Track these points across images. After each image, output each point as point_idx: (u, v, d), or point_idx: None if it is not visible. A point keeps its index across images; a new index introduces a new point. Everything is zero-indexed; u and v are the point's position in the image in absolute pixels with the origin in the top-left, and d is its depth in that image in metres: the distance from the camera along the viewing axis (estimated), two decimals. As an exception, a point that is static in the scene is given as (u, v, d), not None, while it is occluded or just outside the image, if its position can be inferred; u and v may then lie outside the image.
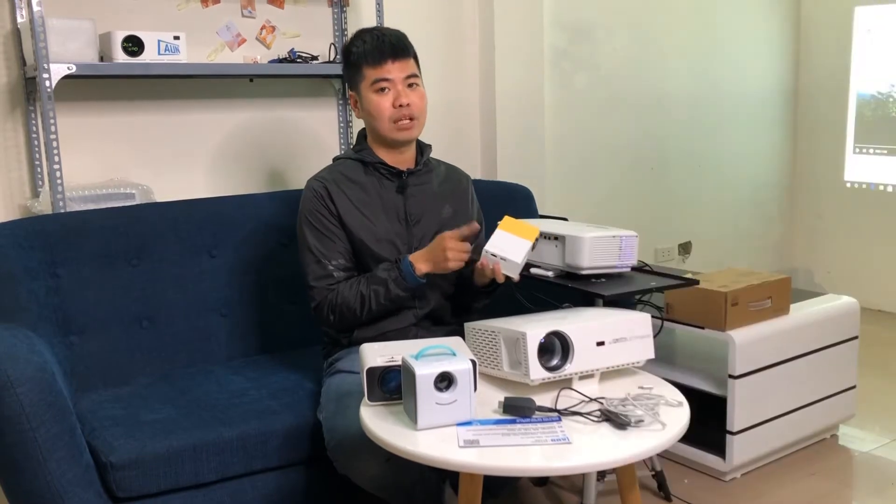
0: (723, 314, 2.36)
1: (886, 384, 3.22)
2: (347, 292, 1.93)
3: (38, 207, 2.33)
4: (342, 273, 1.96)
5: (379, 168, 2.03)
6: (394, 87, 1.98)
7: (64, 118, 2.42)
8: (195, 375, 2.20)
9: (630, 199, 3.82)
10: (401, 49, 1.99)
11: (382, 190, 2.03)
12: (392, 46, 1.98)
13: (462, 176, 2.20)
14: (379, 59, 1.97)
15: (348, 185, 2.01)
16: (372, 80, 1.98)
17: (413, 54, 2.03)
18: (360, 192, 2.01)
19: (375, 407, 1.58)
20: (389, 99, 1.97)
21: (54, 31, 2.21)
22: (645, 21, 3.76)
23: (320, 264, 1.96)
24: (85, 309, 2.16)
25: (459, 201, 2.13)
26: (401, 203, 2.03)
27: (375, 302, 1.92)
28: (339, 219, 1.98)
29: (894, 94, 4.12)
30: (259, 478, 1.91)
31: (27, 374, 1.63)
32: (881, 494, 2.37)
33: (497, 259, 1.81)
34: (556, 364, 1.64)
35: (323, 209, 1.98)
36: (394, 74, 1.97)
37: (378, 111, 1.98)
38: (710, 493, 2.39)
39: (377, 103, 1.98)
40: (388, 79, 1.97)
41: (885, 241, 4.23)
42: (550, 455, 1.40)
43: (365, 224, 1.99)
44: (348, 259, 1.99)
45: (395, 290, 1.91)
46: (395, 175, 2.04)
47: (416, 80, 2.02)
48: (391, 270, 1.91)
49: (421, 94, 2.02)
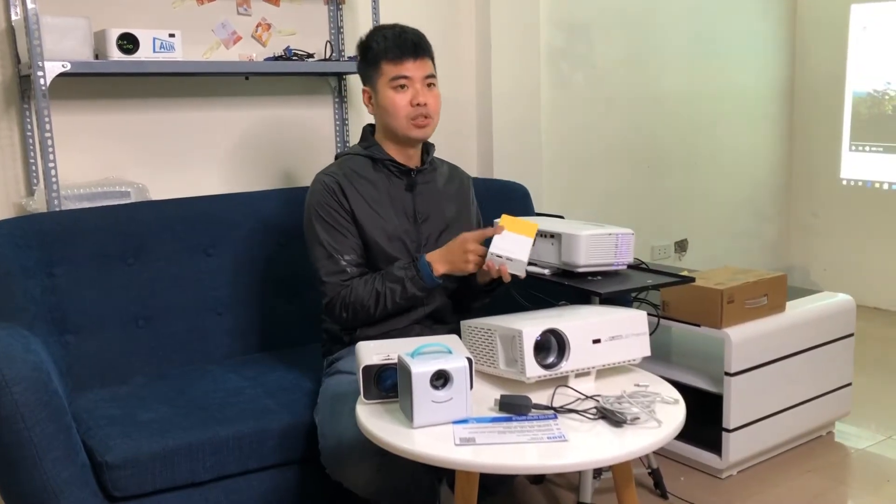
0: (719, 312, 2.36)
1: (882, 381, 3.23)
2: (362, 290, 1.91)
3: (33, 206, 2.32)
4: (355, 269, 1.94)
5: (388, 165, 2.02)
6: (412, 85, 1.96)
7: (59, 116, 2.42)
8: (191, 375, 2.19)
9: (626, 196, 3.82)
10: (422, 48, 1.98)
11: (392, 187, 2.02)
12: (413, 45, 1.97)
13: (464, 176, 2.20)
14: (399, 55, 1.96)
15: (359, 181, 2.00)
16: (391, 76, 1.96)
17: (432, 55, 2.02)
18: (371, 188, 2.00)
19: (371, 405, 1.58)
20: (407, 97, 1.96)
21: (49, 29, 2.21)
22: (641, 19, 3.76)
23: (332, 259, 1.93)
24: (81, 308, 2.15)
25: (462, 201, 2.14)
26: (409, 201, 2.03)
27: (391, 300, 1.90)
28: (351, 214, 1.96)
29: (890, 92, 4.13)
30: (255, 477, 1.90)
31: (23, 374, 1.63)
32: (877, 491, 2.38)
33: (503, 260, 1.81)
34: (552, 362, 1.64)
35: (335, 203, 1.96)
36: (413, 73, 1.96)
37: (395, 108, 1.96)
38: (706, 491, 2.39)
39: (394, 100, 1.96)
40: (407, 76, 1.96)
41: (880, 239, 4.24)
42: (546, 453, 1.40)
43: (377, 221, 1.97)
44: (360, 255, 1.97)
45: (411, 290, 1.89)
46: (404, 173, 2.03)
47: (434, 80, 2.01)
48: (408, 269, 1.89)
49: (437, 95, 2.02)
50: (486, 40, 3.22)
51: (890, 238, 4.20)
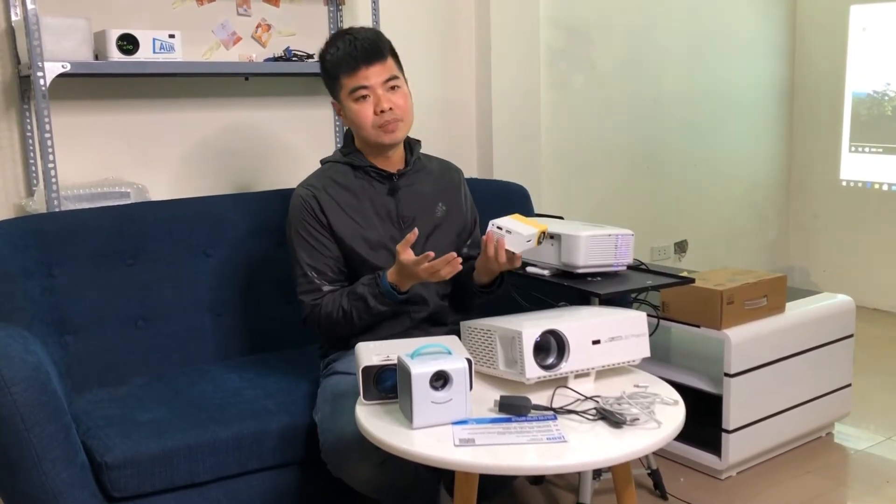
0: (718, 313, 2.36)
1: (881, 382, 3.23)
2: (331, 307, 1.90)
3: (32, 206, 2.32)
4: (328, 286, 1.93)
5: (368, 171, 1.99)
6: (373, 93, 1.90)
7: (58, 117, 2.42)
8: (190, 375, 2.19)
9: (626, 197, 3.83)
10: (375, 52, 1.90)
11: (374, 193, 1.99)
12: (365, 51, 1.89)
13: (454, 170, 2.16)
14: (353, 66, 1.89)
15: (338, 190, 1.97)
16: (349, 88, 1.91)
17: (391, 53, 1.95)
18: (351, 197, 1.97)
19: (371, 406, 1.58)
20: (370, 106, 1.91)
21: (49, 30, 2.20)
22: (641, 20, 3.76)
23: (307, 278, 1.93)
24: (80, 309, 2.15)
25: (452, 197, 2.10)
26: (393, 206, 2.00)
27: (358, 317, 1.89)
28: (328, 229, 1.94)
29: (889, 93, 4.13)
30: (254, 477, 1.90)
31: (22, 375, 1.63)
32: (876, 493, 2.38)
33: (502, 233, 1.77)
34: (551, 363, 1.64)
35: (311, 219, 1.94)
36: (371, 80, 1.90)
37: (360, 120, 1.92)
38: (705, 492, 2.39)
39: (358, 112, 1.92)
40: (365, 86, 1.90)
41: (880, 240, 4.24)
42: (546, 454, 1.40)
43: (357, 231, 1.95)
44: (337, 271, 1.95)
45: (375, 306, 1.86)
46: (385, 177, 2.00)
47: (397, 80, 1.94)
48: (371, 286, 1.86)
49: (404, 94, 1.95)
50: (485, 41, 3.22)
51: (889, 239, 4.20)
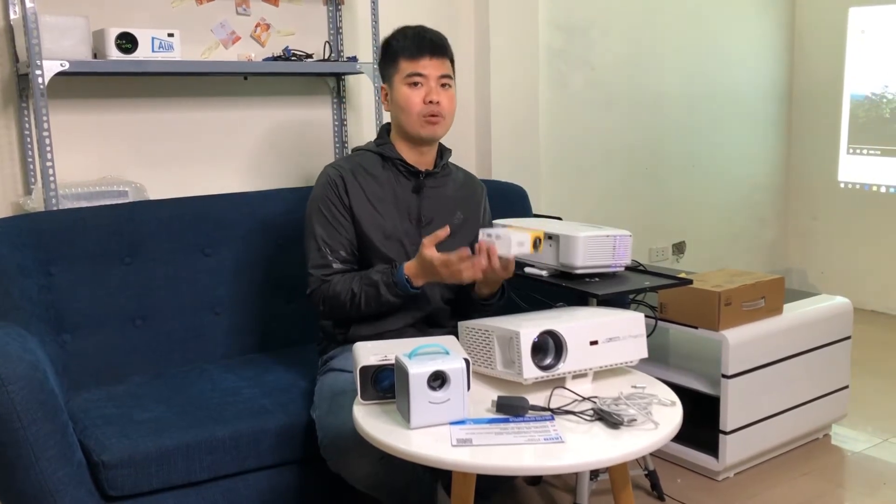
0: (716, 314, 2.36)
1: (879, 384, 3.23)
2: (340, 287, 1.92)
3: (30, 205, 2.32)
4: (340, 265, 1.96)
5: (398, 165, 2.03)
6: (427, 82, 1.98)
7: (57, 115, 2.42)
8: (188, 374, 2.19)
9: (624, 198, 3.83)
10: (439, 47, 2.00)
11: (398, 187, 2.03)
12: (431, 43, 1.98)
13: (478, 185, 2.21)
14: (416, 53, 1.97)
15: (365, 176, 2.01)
16: (406, 72, 1.98)
17: (451, 57, 2.04)
18: (376, 185, 2.01)
19: (368, 406, 1.58)
20: (421, 94, 1.97)
21: (47, 28, 2.20)
22: (640, 21, 3.76)
23: (320, 252, 1.96)
24: (78, 307, 2.15)
25: (472, 209, 2.13)
26: (415, 203, 2.03)
27: (365, 303, 1.91)
28: (349, 210, 1.98)
29: (888, 95, 4.14)
30: (252, 477, 1.90)
31: (19, 373, 1.63)
32: (873, 494, 2.38)
33: (492, 240, 1.80)
34: (549, 363, 1.64)
35: (335, 198, 1.98)
36: (428, 71, 1.97)
37: (408, 104, 1.98)
38: (702, 493, 2.39)
39: (408, 96, 1.98)
40: (422, 74, 1.97)
41: (878, 242, 4.24)
42: (543, 454, 1.40)
43: (375, 219, 1.99)
44: (350, 252, 1.98)
45: (386, 295, 1.89)
46: (412, 174, 2.04)
47: (450, 81, 2.02)
48: (385, 275, 1.90)
49: (451, 96, 2.02)
50: (485, 41, 3.22)
51: (887, 241, 4.20)
